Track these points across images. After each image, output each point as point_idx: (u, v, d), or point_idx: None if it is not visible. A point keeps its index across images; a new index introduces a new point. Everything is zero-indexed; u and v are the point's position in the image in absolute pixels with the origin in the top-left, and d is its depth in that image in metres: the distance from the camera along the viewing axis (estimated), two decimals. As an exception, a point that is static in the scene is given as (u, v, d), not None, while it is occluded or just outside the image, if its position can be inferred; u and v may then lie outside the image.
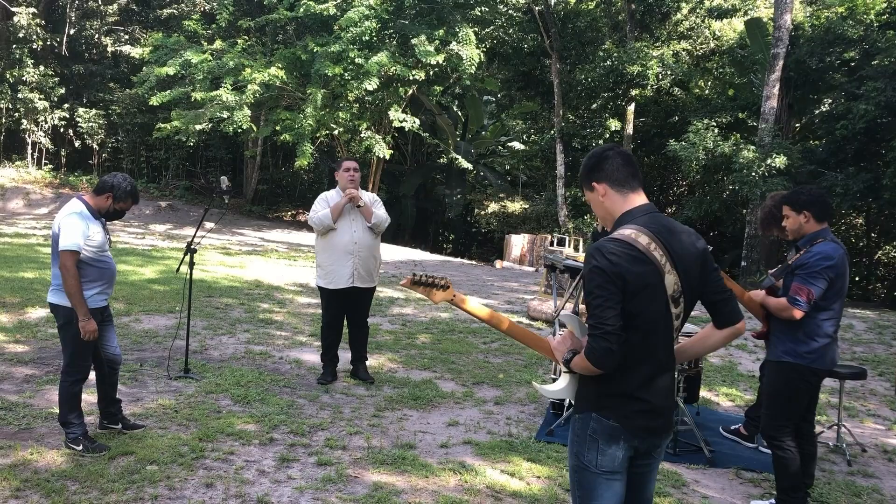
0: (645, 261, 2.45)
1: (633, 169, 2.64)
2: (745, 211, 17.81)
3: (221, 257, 14.63)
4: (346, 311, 6.51)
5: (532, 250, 19.56)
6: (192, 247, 6.34)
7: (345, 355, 6.76)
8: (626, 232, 2.50)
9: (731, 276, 6.18)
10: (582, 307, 9.11)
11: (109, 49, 26.41)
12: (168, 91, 18.18)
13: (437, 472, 4.53)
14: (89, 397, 5.09)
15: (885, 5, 17.73)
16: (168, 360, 6.52)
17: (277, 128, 18.99)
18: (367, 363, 6.74)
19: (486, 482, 4.43)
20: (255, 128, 19.06)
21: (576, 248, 10.57)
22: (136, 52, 22.12)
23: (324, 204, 6.37)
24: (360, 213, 6.31)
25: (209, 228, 18.09)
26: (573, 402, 2.73)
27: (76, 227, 4.38)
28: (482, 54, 19.22)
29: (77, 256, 4.37)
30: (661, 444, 2.65)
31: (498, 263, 19.56)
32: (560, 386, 2.75)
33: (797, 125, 19.96)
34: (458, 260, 20.58)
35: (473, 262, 20.04)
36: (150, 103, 18.55)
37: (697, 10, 21.20)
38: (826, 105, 19.47)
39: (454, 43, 18.19)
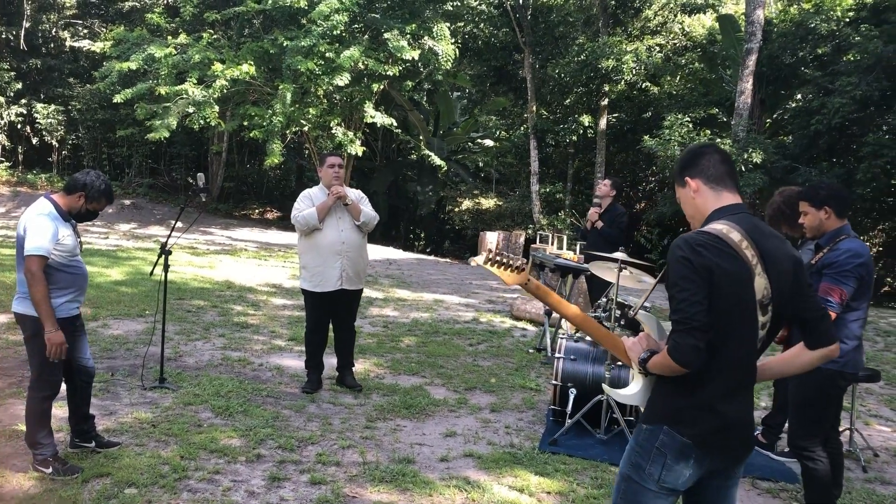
0: (735, 257, 2.28)
1: (729, 168, 2.49)
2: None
3: (189, 257, 14.14)
4: (331, 315, 6.17)
5: (507, 247, 19.29)
6: (167, 248, 5.96)
7: (329, 361, 6.43)
8: (717, 227, 2.34)
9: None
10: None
11: (68, 43, 25.57)
12: (131, 89, 17.55)
13: (440, 490, 4.23)
14: (59, 412, 4.71)
15: (852, 2, 17.81)
16: (142, 368, 6.13)
17: (245, 123, 18.48)
18: (353, 369, 6.42)
19: (495, 499, 4.14)
20: (222, 123, 18.50)
21: (560, 246, 10.34)
22: (96, 46, 21.40)
23: (307, 202, 6.02)
24: (348, 211, 5.98)
25: (180, 229, 17.57)
26: (642, 409, 2.53)
27: (44, 230, 3.98)
28: (456, 50, 18.91)
29: (44, 262, 3.97)
30: (741, 462, 2.46)
31: (472, 261, 19.24)
32: (633, 390, 2.55)
33: (768, 120, 19.99)
34: (433, 258, 20.27)
35: (449, 261, 19.75)
36: (115, 100, 17.90)
37: (670, 6, 21.11)
38: (796, 100, 19.53)
39: (427, 38, 17.86)
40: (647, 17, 21.67)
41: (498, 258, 2.63)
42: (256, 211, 26.77)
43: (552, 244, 10.42)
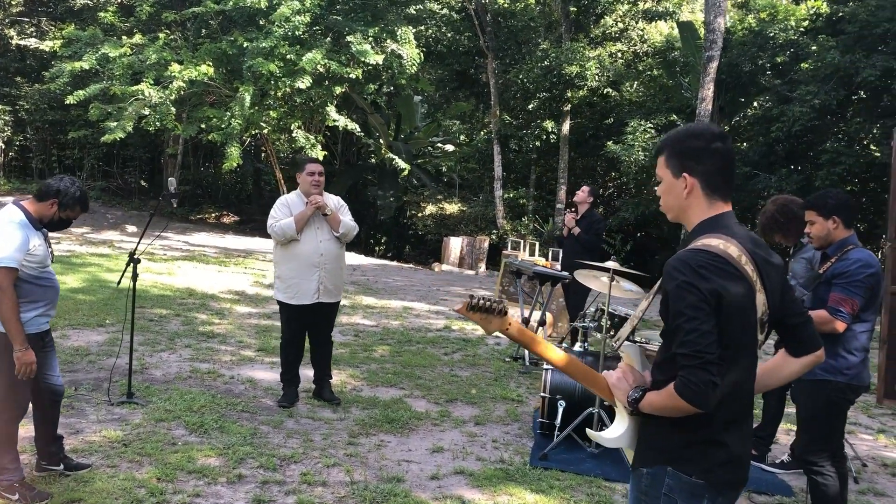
0: (738, 277, 2.05)
1: (731, 176, 2.22)
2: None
3: (147, 263, 13.68)
4: (308, 327, 5.95)
5: (471, 252, 19.21)
6: (135, 257, 5.68)
7: (303, 373, 6.20)
8: (714, 242, 2.08)
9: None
10: (540, 317, 8.78)
11: (14, 41, 24.70)
12: (84, 90, 16.97)
13: (435, 510, 4.06)
14: (22, 431, 4.39)
15: (805, 13, 18.16)
16: (109, 382, 5.83)
17: (203, 126, 18.04)
18: (330, 381, 6.20)
19: (493, 520, 3.99)
20: (178, 126, 18.01)
21: (531, 252, 10.24)
22: (45, 45, 20.68)
23: (284, 210, 5.79)
24: (327, 221, 5.76)
25: (143, 235, 17.10)
26: (634, 451, 2.28)
27: (14, 239, 3.70)
28: (421, 54, 18.74)
29: (15, 274, 3.70)
30: (738, 497, 2.24)
31: (436, 267, 19.13)
32: (619, 432, 2.27)
33: (726, 128, 20.26)
34: (396, 264, 20.06)
35: (412, 266, 19.56)
36: (67, 101, 17.30)
37: (632, 12, 21.28)
38: (753, 108, 19.84)
39: (390, 41, 17.68)
40: (606, 23, 21.79)
41: (480, 303, 2.27)
42: (213, 215, 26.22)
43: (524, 250, 10.30)
